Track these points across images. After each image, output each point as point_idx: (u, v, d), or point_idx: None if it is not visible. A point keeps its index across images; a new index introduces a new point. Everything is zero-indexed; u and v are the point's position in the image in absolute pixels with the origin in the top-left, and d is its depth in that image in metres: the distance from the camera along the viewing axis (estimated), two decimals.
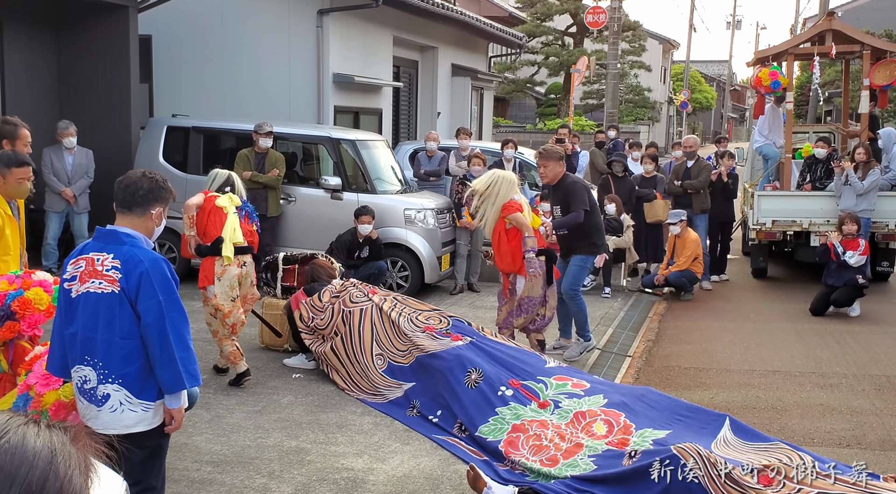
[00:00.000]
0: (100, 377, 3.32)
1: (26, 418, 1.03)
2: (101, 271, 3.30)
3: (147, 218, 3.42)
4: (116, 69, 10.24)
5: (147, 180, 3.42)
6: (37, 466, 0.97)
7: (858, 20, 26.68)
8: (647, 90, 31.85)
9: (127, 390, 3.30)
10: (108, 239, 3.37)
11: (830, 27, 11.00)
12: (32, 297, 4.14)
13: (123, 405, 3.32)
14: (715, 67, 60.64)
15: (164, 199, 3.45)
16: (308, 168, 10.34)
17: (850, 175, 10.23)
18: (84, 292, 3.32)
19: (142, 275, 3.26)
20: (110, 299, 3.28)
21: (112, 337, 3.29)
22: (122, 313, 3.28)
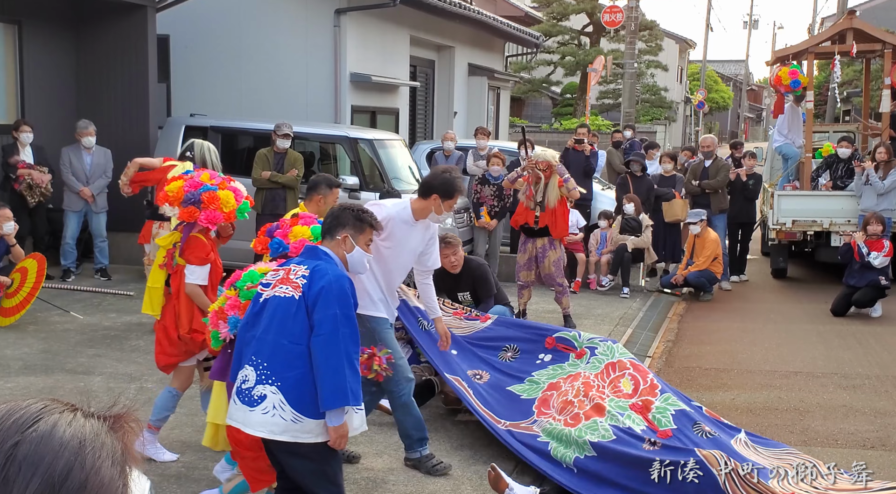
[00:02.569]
0: (259, 377, 3.34)
1: (64, 406, 1.01)
2: (291, 278, 3.42)
3: (336, 243, 3.57)
4: (134, 69, 10.28)
5: (339, 209, 3.68)
6: (62, 456, 0.95)
7: (877, 19, 26.40)
8: (663, 90, 31.65)
9: (283, 394, 3.29)
10: (310, 254, 3.57)
11: (851, 26, 10.90)
12: (222, 196, 4.57)
13: (276, 410, 3.29)
14: (732, 66, 60.26)
15: (352, 226, 3.57)
16: (326, 168, 10.33)
17: (871, 175, 10.13)
18: (271, 296, 3.42)
19: (323, 287, 3.33)
20: (289, 302, 3.35)
21: (281, 340, 3.33)
22: (297, 317, 3.33)
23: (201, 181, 4.62)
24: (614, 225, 10.38)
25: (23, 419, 0.97)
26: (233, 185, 4.75)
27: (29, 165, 8.93)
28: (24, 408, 0.99)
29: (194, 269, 4.67)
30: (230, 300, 3.98)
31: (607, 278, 10.18)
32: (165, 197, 4.72)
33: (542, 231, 7.82)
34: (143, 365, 6.57)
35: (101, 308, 8.30)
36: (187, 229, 4.70)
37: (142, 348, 7.03)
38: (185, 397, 5.87)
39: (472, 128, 14.84)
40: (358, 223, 3.59)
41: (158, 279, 4.84)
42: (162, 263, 4.80)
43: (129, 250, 10.20)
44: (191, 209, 4.56)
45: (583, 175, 10.86)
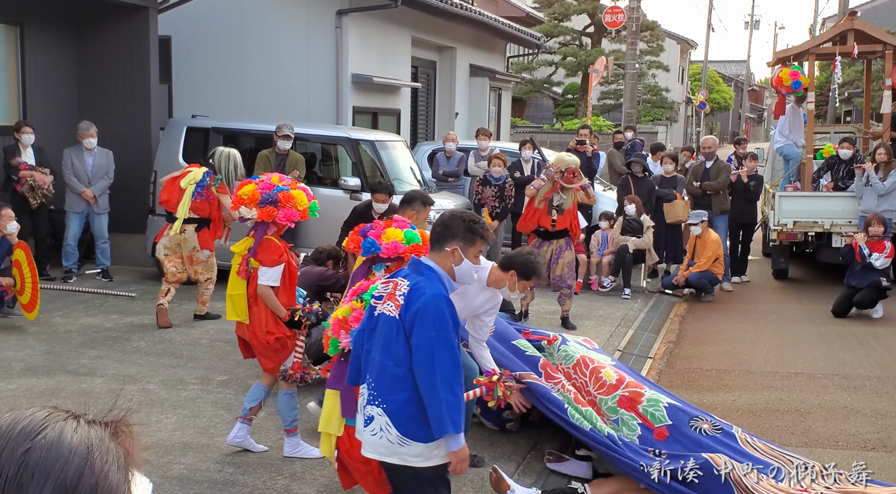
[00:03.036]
0: (369, 397, 3.29)
1: (67, 413, 1.04)
2: (395, 294, 3.30)
3: (444, 255, 3.37)
4: (136, 70, 10.29)
5: (450, 217, 3.44)
6: (72, 462, 0.97)
7: (878, 19, 26.40)
8: (664, 90, 31.66)
9: (388, 417, 3.21)
10: (414, 268, 3.41)
11: (852, 27, 10.89)
12: (296, 195, 4.79)
13: (383, 432, 3.23)
14: (733, 66, 60.28)
15: (462, 238, 3.35)
16: (327, 169, 10.35)
17: (871, 176, 10.13)
18: (381, 312, 3.33)
19: (419, 309, 3.19)
20: (391, 323, 3.25)
21: (386, 361, 3.24)
22: (398, 339, 3.22)
23: (273, 183, 4.81)
24: (616, 226, 10.38)
25: (30, 426, 0.99)
26: (299, 185, 4.97)
27: (31, 166, 8.94)
28: (30, 416, 1.01)
29: (266, 270, 4.79)
30: (355, 312, 3.89)
31: (609, 279, 10.19)
32: (240, 200, 4.82)
33: (557, 233, 7.92)
34: (145, 367, 6.59)
35: (102, 310, 8.31)
36: (259, 232, 4.84)
37: (143, 349, 7.05)
38: (187, 399, 5.90)
39: (474, 129, 14.86)
40: (469, 235, 3.37)
41: (238, 286, 4.92)
42: (238, 269, 4.90)
43: (131, 250, 10.23)
44: (269, 209, 4.74)
45: (585, 176, 10.87)
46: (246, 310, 4.88)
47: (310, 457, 4.93)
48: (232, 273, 4.97)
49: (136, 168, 9.99)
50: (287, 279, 4.89)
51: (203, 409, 5.69)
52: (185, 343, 7.25)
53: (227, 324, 7.87)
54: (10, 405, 5.58)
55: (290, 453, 4.96)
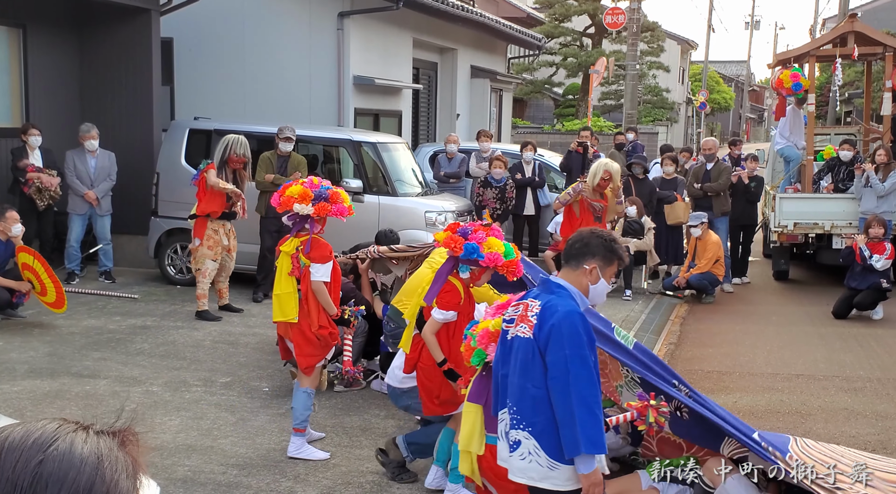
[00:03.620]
0: (512, 422, 3.21)
1: (76, 425, 1.07)
2: (527, 315, 3.24)
3: (581, 272, 3.28)
4: (138, 72, 10.32)
5: (589, 235, 3.37)
6: (83, 471, 1.00)
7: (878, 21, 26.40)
8: (665, 91, 31.66)
9: (536, 440, 3.13)
10: (544, 288, 3.34)
11: (853, 29, 10.92)
12: (340, 192, 5.13)
13: (532, 456, 3.13)
14: (733, 67, 60.27)
15: (602, 257, 3.29)
16: (329, 171, 10.37)
17: (871, 177, 10.15)
18: (515, 335, 3.27)
19: (553, 326, 3.11)
20: (527, 344, 3.18)
21: (525, 383, 3.17)
22: (535, 360, 3.15)
23: (315, 184, 5.08)
24: (617, 228, 10.40)
25: (42, 438, 1.03)
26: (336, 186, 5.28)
27: (38, 168, 8.97)
28: (41, 428, 1.05)
29: (318, 267, 4.98)
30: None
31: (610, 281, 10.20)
32: (290, 200, 4.99)
33: None
34: (148, 368, 6.62)
35: (105, 311, 8.34)
36: (311, 228, 5.04)
37: (146, 351, 7.08)
38: (190, 401, 5.92)
39: (475, 130, 14.87)
40: (609, 255, 3.30)
41: (287, 285, 5.06)
42: (290, 270, 5.05)
43: (134, 252, 10.26)
44: (322, 204, 4.98)
45: None
46: (294, 309, 5.03)
47: (313, 459, 4.96)
48: (279, 273, 5.11)
49: (139, 170, 10.02)
50: (333, 279, 5.08)
51: (206, 411, 5.72)
52: (187, 345, 7.28)
53: (229, 326, 7.93)
54: (15, 406, 5.61)
55: (294, 453, 4.99)
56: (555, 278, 3.37)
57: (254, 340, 7.51)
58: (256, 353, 7.13)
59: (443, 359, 4.36)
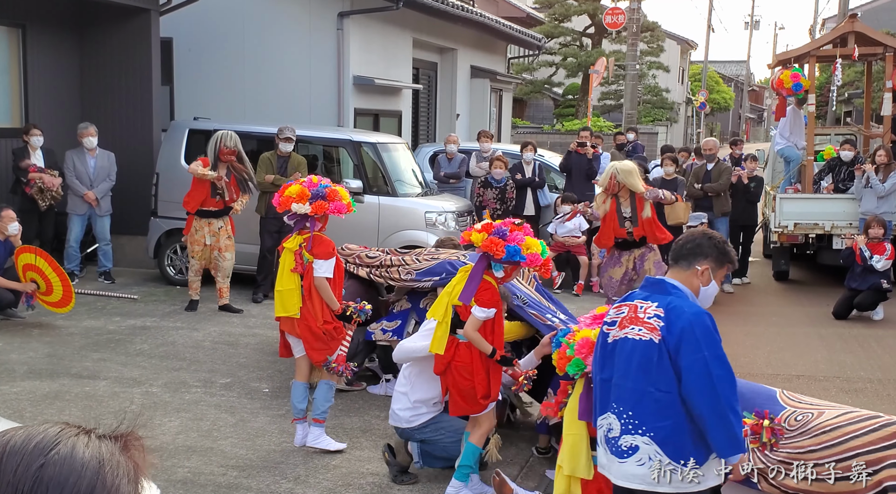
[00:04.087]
0: (625, 427, 3.13)
1: (78, 429, 1.08)
2: (642, 317, 3.16)
3: (692, 273, 3.25)
4: (138, 72, 10.31)
5: (701, 236, 3.34)
6: (84, 476, 1.00)
7: (878, 21, 26.39)
8: (665, 91, 31.67)
9: (658, 445, 3.07)
10: (655, 288, 3.26)
11: (853, 29, 10.91)
12: (340, 191, 5.16)
13: (652, 461, 3.07)
14: (733, 67, 60.30)
15: (715, 259, 3.25)
16: (329, 171, 10.35)
17: (872, 177, 10.14)
18: (622, 337, 3.18)
19: (684, 328, 3.05)
20: (648, 347, 3.10)
21: (646, 387, 3.09)
22: (660, 363, 3.07)
23: (315, 181, 5.18)
24: None
25: (44, 442, 1.03)
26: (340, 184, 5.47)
27: (39, 168, 8.96)
28: (43, 432, 1.05)
29: (321, 263, 5.06)
30: None
31: None
32: (289, 199, 5.10)
33: (637, 243, 7.53)
34: (148, 369, 6.61)
35: (105, 312, 8.33)
36: (312, 228, 5.13)
37: (146, 352, 7.07)
38: (190, 402, 5.92)
39: (475, 130, 14.85)
40: (721, 257, 3.27)
41: (289, 281, 5.14)
42: (292, 266, 5.12)
43: (133, 252, 10.25)
44: (320, 203, 5.08)
45: (585, 178, 10.90)
46: (296, 304, 5.09)
47: (330, 449, 5.07)
48: (281, 270, 5.18)
49: (138, 170, 10.01)
50: (336, 275, 5.15)
51: (206, 412, 5.71)
52: (187, 346, 7.27)
53: (229, 326, 7.92)
54: (14, 408, 5.60)
55: (312, 443, 5.10)
56: (669, 279, 3.27)
57: (254, 341, 7.50)
58: (256, 354, 7.12)
59: (492, 349, 4.37)
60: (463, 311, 4.44)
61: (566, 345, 3.79)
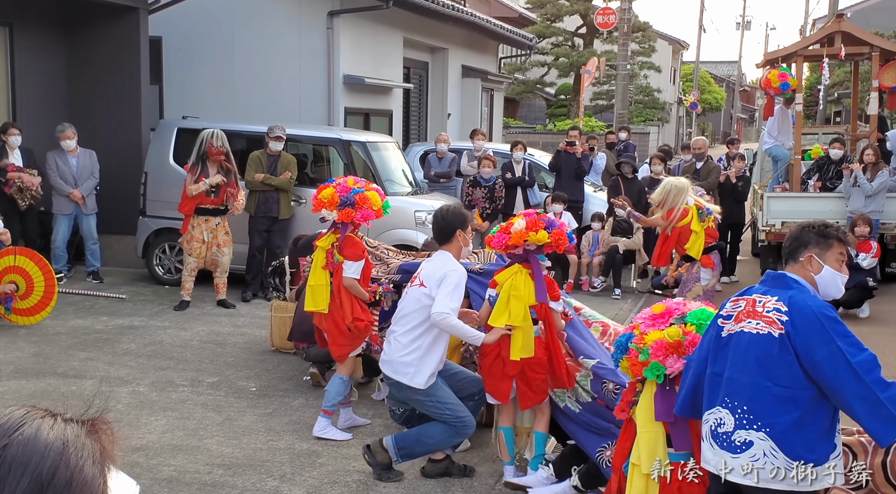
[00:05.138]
0: (739, 422, 3.09)
1: (45, 411, 1.09)
2: (760, 311, 3.13)
3: (801, 266, 3.26)
4: (127, 71, 10.29)
5: (798, 229, 3.36)
6: (48, 456, 1.02)
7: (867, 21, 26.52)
8: (656, 91, 31.78)
9: (773, 441, 3.03)
10: (776, 283, 3.23)
11: (840, 29, 10.95)
12: (371, 196, 5.31)
13: (767, 457, 3.03)
14: (724, 67, 60.47)
15: (815, 243, 3.25)
16: (319, 170, 10.36)
17: (859, 176, 10.19)
18: (738, 331, 3.15)
19: (810, 323, 3.03)
20: (767, 341, 3.06)
21: (763, 382, 3.05)
22: (782, 358, 3.03)
23: (349, 186, 5.33)
24: (606, 227, 10.43)
25: (8, 424, 1.05)
26: (375, 186, 5.53)
27: (18, 168, 8.93)
28: (8, 414, 1.07)
29: (351, 264, 5.29)
30: (689, 336, 3.56)
31: (599, 279, 10.25)
32: (320, 203, 5.33)
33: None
34: (136, 369, 6.60)
35: (93, 311, 8.32)
36: (343, 229, 5.35)
37: (133, 351, 7.06)
38: (176, 400, 5.92)
39: (466, 130, 14.87)
40: (822, 240, 3.24)
41: (320, 278, 5.39)
42: (323, 264, 5.37)
43: (122, 252, 10.23)
44: (347, 211, 5.27)
45: (574, 178, 10.93)
46: (325, 300, 5.34)
47: (336, 439, 5.23)
48: (314, 266, 5.46)
49: (127, 169, 9.99)
50: (364, 272, 5.39)
51: (193, 411, 5.71)
52: (175, 345, 7.27)
53: (217, 326, 7.92)
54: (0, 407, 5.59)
55: (320, 433, 5.26)
56: (789, 273, 3.27)
57: (242, 340, 7.50)
58: (244, 353, 7.12)
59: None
60: (539, 309, 4.55)
61: (636, 350, 3.65)
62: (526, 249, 4.60)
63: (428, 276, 4.58)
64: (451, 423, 4.60)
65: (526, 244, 4.57)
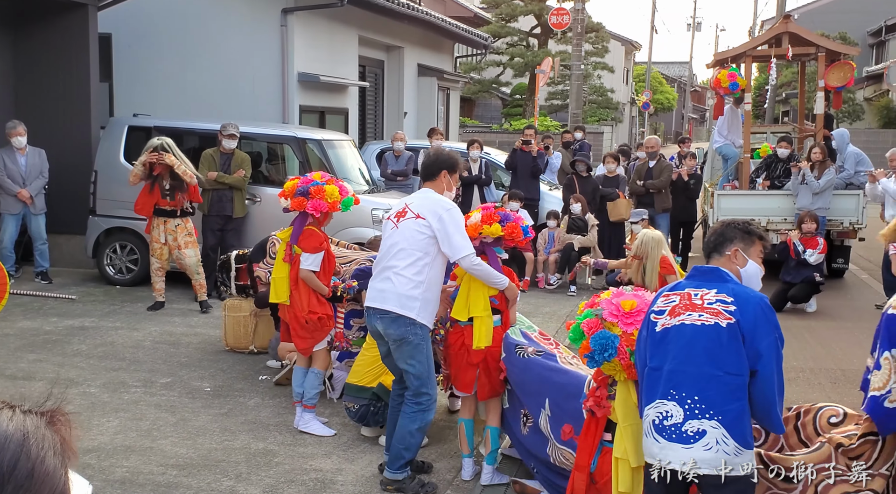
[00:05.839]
0: (690, 413, 3.12)
1: (2, 404, 1.08)
2: (700, 304, 3.19)
3: (726, 259, 3.35)
4: (76, 68, 10.08)
5: (722, 226, 3.48)
6: (8, 448, 1.01)
7: (814, 23, 27.20)
8: (609, 91, 32.12)
9: (725, 429, 3.09)
10: (710, 276, 3.31)
11: (787, 30, 11.20)
12: (327, 189, 5.31)
13: (719, 445, 3.09)
14: (676, 68, 61.41)
15: (741, 239, 3.39)
16: (273, 168, 10.27)
17: (807, 174, 10.43)
18: (677, 324, 3.20)
19: (757, 313, 3.13)
20: (714, 331, 3.12)
21: (714, 371, 3.10)
22: (731, 346, 3.10)
23: (312, 178, 5.39)
24: (562, 225, 10.53)
25: None
26: (340, 183, 5.51)
27: None
28: None
29: (308, 256, 5.28)
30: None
31: (555, 276, 10.34)
32: (283, 192, 5.40)
33: None
34: (86, 370, 6.48)
35: (42, 313, 8.14)
36: (300, 222, 5.36)
37: (84, 352, 6.93)
38: (129, 401, 5.82)
39: (423, 128, 14.88)
40: (746, 236, 3.40)
41: (281, 270, 5.41)
42: (284, 256, 5.39)
43: (71, 252, 10.02)
44: (300, 200, 5.28)
45: (530, 176, 11.01)
46: (286, 291, 5.36)
47: (319, 435, 5.25)
48: (277, 259, 5.49)
49: (76, 168, 9.80)
50: (326, 265, 5.40)
51: (146, 412, 5.63)
52: (127, 346, 7.15)
53: (170, 326, 7.81)
54: None
55: (302, 427, 5.30)
56: (720, 268, 3.35)
57: (196, 340, 7.41)
58: (198, 353, 7.03)
59: None
60: (500, 297, 4.63)
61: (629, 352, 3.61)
62: (483, 241, 4.67)
63: (421, 207, 4.41)
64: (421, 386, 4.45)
65: (482, 237, 4.64)
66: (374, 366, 5.13)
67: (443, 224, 4.34)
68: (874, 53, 33.98)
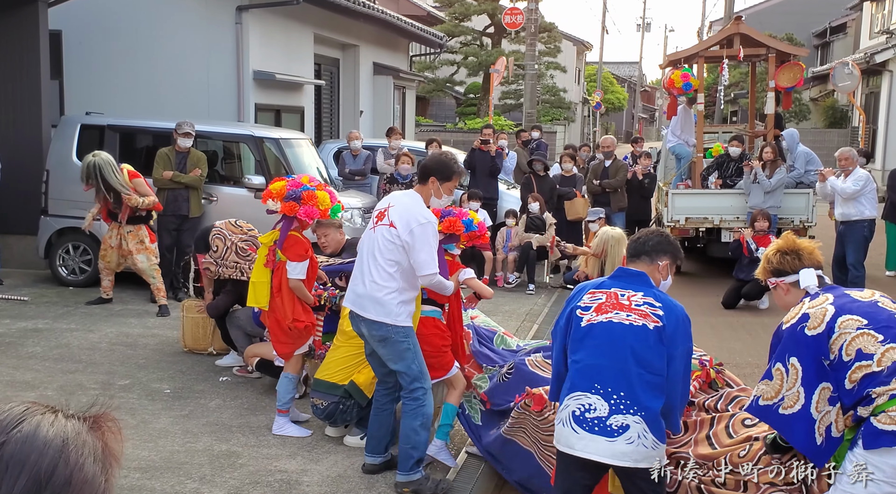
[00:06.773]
0: (616, 408, 3.25)
1: (46, 407, 1.07)
2: (627, 305, 3.35)
3: (655, 268, 3.52)
4: (25, 66, 9.83)
5: (659, 234, 3.63)
6: (46, 454, 1.00)
7: (761, 24, 27.75)
8: (562, 91, 32.39)
9: (646, 424, 3.25)
10: (636, 280, 3.46)
11: (738, 31, 11.45)
12: (319, 195, 5.22)
13: (640, 439, 3.24)
14: (626, 68, 62.19)
15: (671, 254, 3.56)
16: (230, 167, 10.16)
17: (759, 173, 10.68)
18: (604, 321, 3.34)
19: (678, 320, 3.34)
20: (643, 332, 3.29)
21: (639, 370, 3.27)
22: (657, 348, 3.28)
23: (301, 182, 5.25)
24: (520, 223, 10.62)
25: (7, 421, 1.03)
26: (328, 188, 5.44)
27: None
28: (8, 411, 1.05)
29: (294, 265, 5.15)
30: None
31: (513, 275, 10.42)
32: (270, 194, 5.25)
33: None
34: (42, 372, 6.35)
35: None
36: (285, 227, 5.22)
37: (39, 354, 6.78)
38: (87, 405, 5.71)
39: (379, 127, 14.85)
40: (676, 253, 3.61)
41: (262, 275, 5.30)
42: (265, 261, 5.27)
43: (22, 253, 9.79)
44: (291, 204, 5.15)
45: (489, 175, 11.08)
46: (266, 297, 5.27)
47: (295, 436, 5.23)
48: (257, 262, 5.38)
49: (27, 168, 9.57)
50: (310, 271, 5.29)
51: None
52: (83, 348, 7.02)
53: (126, 327, 7.69)
54: None
55: (278, 431, 5.26)
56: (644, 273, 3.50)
57: (153, 341, 7.30)
58: (156, 354, 6.93)
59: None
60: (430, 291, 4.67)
61: None
62: None
63: (397, 215, 4.33)
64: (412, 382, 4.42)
65: None
66: (346, 364, 5.11)
67: (413, 238, 4.27)
68: (819, 54, 34.85)
